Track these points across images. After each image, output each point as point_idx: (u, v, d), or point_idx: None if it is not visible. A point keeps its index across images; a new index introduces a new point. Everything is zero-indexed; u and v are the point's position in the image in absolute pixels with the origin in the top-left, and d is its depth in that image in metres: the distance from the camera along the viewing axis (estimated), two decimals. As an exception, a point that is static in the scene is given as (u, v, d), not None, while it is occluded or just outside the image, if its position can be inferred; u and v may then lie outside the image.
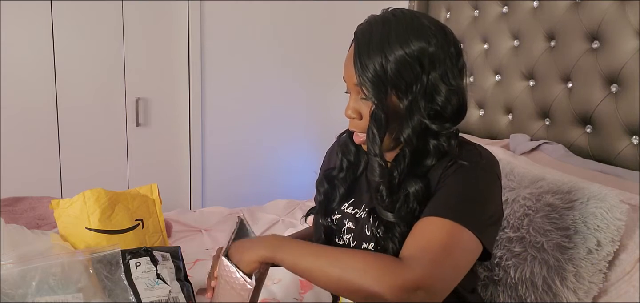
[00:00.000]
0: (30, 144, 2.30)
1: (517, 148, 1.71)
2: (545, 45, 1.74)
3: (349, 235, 0.96)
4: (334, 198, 1.01)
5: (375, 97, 0.83)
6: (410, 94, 0.83)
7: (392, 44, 0.82)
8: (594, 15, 1.55)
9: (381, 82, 0.82)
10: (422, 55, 0.82)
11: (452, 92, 0.84)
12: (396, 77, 0.82)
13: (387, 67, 0.81)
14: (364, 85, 0.83)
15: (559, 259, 1.12)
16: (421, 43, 0.82)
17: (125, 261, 1.10)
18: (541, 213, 1.18)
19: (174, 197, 2.60)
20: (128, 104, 2.45)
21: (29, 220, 1.76)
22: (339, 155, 1.03)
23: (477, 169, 0.85)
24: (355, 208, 0.98)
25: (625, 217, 1.12)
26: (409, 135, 0.84)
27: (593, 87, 1.55)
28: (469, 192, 0.83)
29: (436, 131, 0.86)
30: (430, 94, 0.84)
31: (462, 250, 0.79)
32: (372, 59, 0.82)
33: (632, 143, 1.45)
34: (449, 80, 0.84)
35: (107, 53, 2.37)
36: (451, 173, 0.84)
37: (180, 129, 2.59)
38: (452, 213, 0.79)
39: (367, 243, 0.92)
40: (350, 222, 0.97)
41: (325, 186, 1.02)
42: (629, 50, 1.45)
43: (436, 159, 0.87)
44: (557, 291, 1.12)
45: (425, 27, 0.84)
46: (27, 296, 0.93)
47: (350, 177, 1.01)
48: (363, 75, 0.83)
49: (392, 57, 0.81)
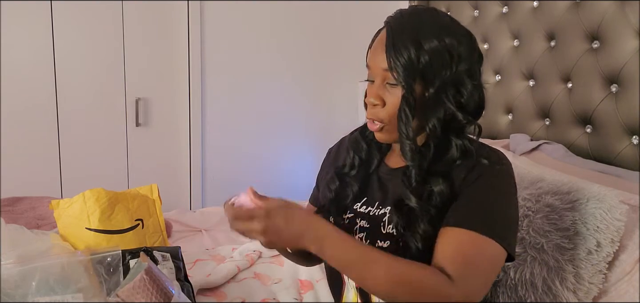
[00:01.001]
0: (30, 144, 2.30)
1: (517, 148, 1.71)
2: (545, 45, 1.74)
3: (362, 234, 0.96)
4: (346, 196, 1.00)
5: (405, 82, 0.85)
6: (438, 81, 0.86)
7: (426, 35, 0.85)
8: (594, 15, 1.55)
9: (413, 68, 0.84)
10: (453, 49, 0.86)
11: (476, 87, 0.89)
12: (428, 66, 0.85)
13: (420, 55, 0.84)
14: (396, 70, 0.85)
15: (559, 260, 1.12)
16: (452, 39, 0.86)
17: (125, 261, 1.10)
18: (541, 214, 1.17)
19: (174, 197, 2.60)
20: (128, 104, 2.45)
21: (29, 220, 1.76)
22: (351, 153, 1.03)
23: (501, 176, 0.88)
24: (368, 206, 0.97)
25: (625, 217, 1.12)
26: (434, 125, 0.87)
27: (593, 87, 1.55)
28: (497, 202, 0.86)
29: (459, 128, 0.89)
30: (456, 87, 0.87)
31: (495, 265, 0.84)
32: (406, 45, 0.85)
33: (632, 143, 1.45)
34: (474, 76, 0.89)
35: (107, 53, 2.37)
36: (475, 178, 0.86)
37: (180, 129, 2.59)
38: (487, 228, 0.82)
39: (382, 242, 0.91)
40: (364, 221, 0.96)
41: (336, 184, 1.02)
42: (629, 50, 1.45)
43: (460, 157, 0.89)
44: (557, 292, 1.12)
45: (456, 25, 0.90)
46: (27, 296, 0.93)
47: (362, 174, 1.01)
48: (396, 59, 0.85)
49: (427, 46, 0.84)
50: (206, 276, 1.41)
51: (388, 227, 0.91)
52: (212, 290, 1.38)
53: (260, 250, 1.59)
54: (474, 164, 0.87)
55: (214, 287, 1.39)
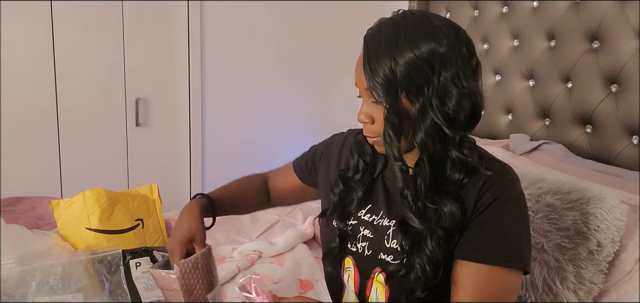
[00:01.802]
0: (30, 144, 2.30)
1: (517, 148, 1.71)
2: (545, 45, 1.74)
3: (365, 243, 0.94)
4: (350, 201, 0.98)
5: (386, 101, 0.81)
6: (421, 96, 0.80)
7: (400, 47, 0.80)
8: (594, 15, 1.55)
9: (391, 85, 0.80)
10: (432, 56, 0.79)
11: (464, 96, 0.81)
12: (406, 80, 0.79)
13: (396, 70, 0.79)
14: (375, 90, 0.81)
15: (559, 260, 1.12)
16: (431, 44, 0.80)
17: (125, 261, 1.10)
18: (541, 214, 1.17)
19: (174, 197, 2.59)
20: (128, 104, 2.45)
21: (29, 220, 1.76)
22: (355, 157, 1.00)
23: (515, 198, 0.84)
24: (372, 215, 0.95)
25: (626, 217, 1.13)
26: (422, 139, 0.82)
27: (593, 87, 1.55)
28: (514, 228, 0.84)
29: (454, 139, 0.83)
30: (442, 97, 0.81)
31: (516, 290, 0.84)
32: (381, 62, 0.80)
33: (632, 143, 1.45)
34: (461, 81, 0.81)
35: (107, 53, 2.37)
36: (488, 203, 0.83)
37: (180, 129, 2.59)
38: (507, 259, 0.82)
39: (385, 255, 0.90)
40: (367, 230, 0.94)
41: (340, 187, 0.98)
42: (629, 50, 1.45)
43: (465, 175, 0.84)
44: (558, 292, 1.12)
45: (435, 27, 0.81)
46: (27, 296, 0.93)
47: (367, 179, 0.98)
48: (373, 79, 0.81)
49: (402, 60, 0.79)
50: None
51: (392, 242, 0.90)
52: (212, 290, 1.38)
53: (261, 250, 1.59)
54: (484, 186, 0.83)
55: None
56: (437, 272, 0.82)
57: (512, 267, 0.82)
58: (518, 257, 0.83)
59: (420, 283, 0.83)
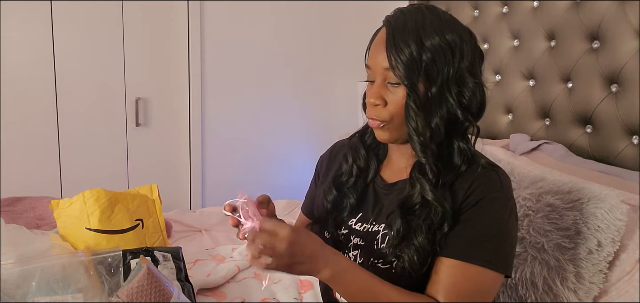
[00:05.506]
0: (30, 144, 2.30)
1: (517, 148, 1.71)
2: (545, 45, 1.74)
3: (356, 252, 0.94)
4: (343, 208, 0.98)
5: (408, 80, 0.83)
6: (440, 79, 0.84)
7: (428, 31, 0.84)
8: (594, 15, 1.55)
9: (415, 65, 0.83)
10: (455, 45, 0.85)
11: (478, 86, 0.87)
12: (430, 63, 0.83)
13: (422, 52, 0.83)
14: (397, 68, 0.84)
15: (560, 260, 1.12)
16: (454, 34, 0.85)
17: (126, 261, 1.10)
18: (541, 213, 1.17)
19: (174, 197, 2.60)
20: (128, 104, 2.45)
21: (29, 220, 1.76)
22: (349, 160, 1.00)
23: (501, 199, 0.86)
24: (363, 223, 0.95)
25: (626, 217, 1.12)
26: (437, 123, 0.85)
27: (593, 87, 1.55)
28: (497, 229, 0.85)
29: (462, 130, 0.88)
30: (458, 85, 0.86)
31: (491, 292, 0.85)
32: (407, 42, 0.83)
33: (632, 143, 1.45)
34: (476, 74, 0.88)
35: (107, 53, 2.37)
36: (474, 202, 0.85)
37: (180, 129, 2.59)
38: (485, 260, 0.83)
39: (375, 259, 0.91)
40: (358, 238, 0.95)
41: (333, 194, 0.99)
42: (629, 50, 1.45)
43: (464, 164, 0.88)
44: (558, 291, 1.12)
45: (455, 20, 0.88)
46: (27, 296, 0.93)
47: (360, 185, 0.98)
48: (398, 57, 0.83)
49: (429, 43, 0.83)
50: (206, 276, 1.41)
51: (381, 245, 0.90)
52: (212, 290, 1.38)
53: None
54: (472, 186, 0.85)
55: (214, 287, 1.39)
56: (424, 264, 0.85)
57: (489, 267, 0.83)
58: (495, 258, 0.84)
59: (405, 274, 0.85)
